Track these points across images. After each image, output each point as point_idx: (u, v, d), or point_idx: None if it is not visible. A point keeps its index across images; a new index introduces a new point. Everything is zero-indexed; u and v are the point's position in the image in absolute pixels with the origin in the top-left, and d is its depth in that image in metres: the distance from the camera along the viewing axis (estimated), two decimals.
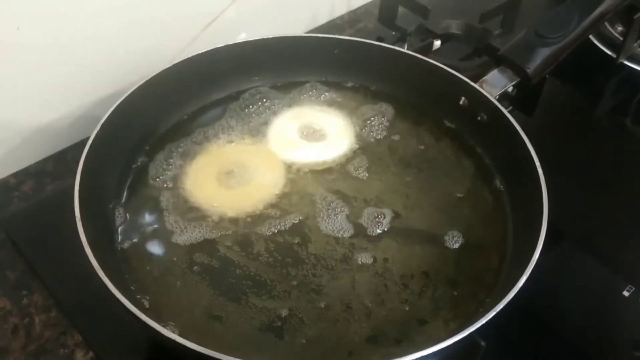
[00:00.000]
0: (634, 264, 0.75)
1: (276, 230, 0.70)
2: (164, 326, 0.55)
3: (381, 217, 0.72)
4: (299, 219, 0.71)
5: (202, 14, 0.88)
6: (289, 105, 0.83)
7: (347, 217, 0.71)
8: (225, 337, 0.61)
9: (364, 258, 0.68)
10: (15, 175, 0.81)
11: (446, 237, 0.70)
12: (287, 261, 0.67)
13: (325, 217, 0.71)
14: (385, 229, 0.71)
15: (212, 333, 0.62)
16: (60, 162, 0.83)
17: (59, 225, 0.62)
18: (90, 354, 0.65)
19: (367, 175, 0.76)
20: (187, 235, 0.69)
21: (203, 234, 0.69)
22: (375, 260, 0.68)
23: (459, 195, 0.75)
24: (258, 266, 0.67)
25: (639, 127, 0.96)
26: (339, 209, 0.72)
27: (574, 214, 0.80)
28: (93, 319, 0.67)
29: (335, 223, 0.71)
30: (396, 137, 0.81)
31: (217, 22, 0.90)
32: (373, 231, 0.70)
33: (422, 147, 0.80)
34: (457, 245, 0.69)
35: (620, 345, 0.68)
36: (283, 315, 0.63)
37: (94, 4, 0.77)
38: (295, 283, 0.66)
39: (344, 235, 0.70)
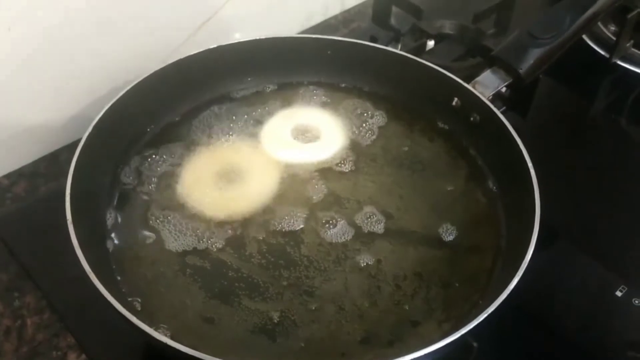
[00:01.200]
0: (627, 264, 0.75)
1: (269, 232, 0.70)
2: (156, 329, 0.55)
3: (374, 218, 0.71)
4: (292, 221, 0.71)
5: (195, 15, 0.88)
6: (282, 106, 0.83)
7: (340, 218, 0.71)
8: (218, 339, 0.61)
9: (357, 259, 0.68)
10: (8, 176, 0.81)
11: (439, 239, 0.70)
12: (279, 263, 0.67)
13: (317, 219, 0.71)
14: (378, 230, 0.71)
15: (204, 336, 0.61)
16: (53, 163, 0.83)
17: (52, 227, 0.61)
18: (83, 356, 0.65)
19: (360, 176, 0.76)
20: (179, 237, 0.69)
21: (195, 236, 0.69)
22: (368, 261, 0.68)
23: (452, 196, 0.75)
24: (250, 268, 0.67)
25: (632, 127, 0.96)
26: (331, 211, 0.72)
27: (568, 214, 0.80)
28: (86, 322, 0.67)
29: (328, 224, 0.71)
30: (389, 138, 0.81)
31: (210, 23, 0.89)
32: (366, 232, 0.70)
33: (416, 148, 0.80)
34: (449, 247, 0.69)
35: (614, 345, 0.68)
36: (275, 318, 0.63)
37: (86, 5, 0.77)
38: (287, 285, 0.65)
39: (337, 237, 0.70)
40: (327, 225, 0.71)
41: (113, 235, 0.68)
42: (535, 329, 0.68)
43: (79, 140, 0.67)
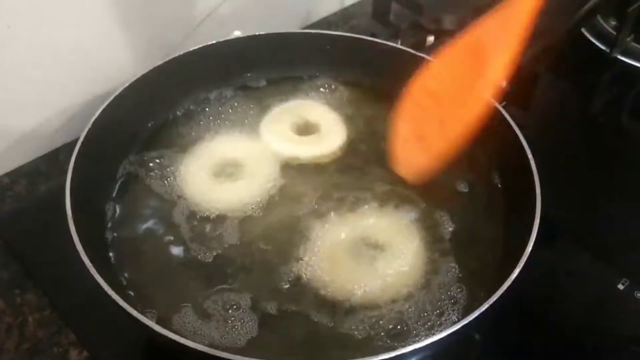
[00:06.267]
0: (629, 258, 0.75)
1: (270, 225, 0.70)
2: (157, 322, 0.55)
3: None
4: (292, 213, 0.71)
5: (194, 11, 0.88)
6: (282, 100, 0.83)
7: (341, 212, 0.71)
8: (215, 333, 0.61)
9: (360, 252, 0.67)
10: (8, 174, 0.82)
11: (440, 232, 0.70)
12: (280, 257, 0.67)
13: (318, 212, 0.71)
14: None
15: (203, 329, 0.61)
16: (53, 161, 0.83)
17: (53, 225, 0.61)
18: (84, 353, 0.65)
19: (360, 169, 0.76)
20: (179, 231, 0.68)
21: (195, 229, 0.69)
22: (369, 255, 0.67)
23: (453, 190, 0.74)
24: (251, 261, 0.66)
25: (633, 122, 0.96)
26: (332, 204, 0.72)
27: (569, 208, 0.80)
28: (87, 318, 0.67)
29: (328, 218, 0.70)
30: (390, 132, 0.80)
31: (209, 20, 0.90)
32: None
33: None
34: (451, 240, 0.69)
35: (617, 339, 0.68)
36: (274, 311, 0.63)
37: (84, 4, 0.77)
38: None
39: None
40: (327, 218, 0.70)
41: (112, 230, 0.68)
42: (537, 322, 0.68)
43: (78, 139, 0.67)
